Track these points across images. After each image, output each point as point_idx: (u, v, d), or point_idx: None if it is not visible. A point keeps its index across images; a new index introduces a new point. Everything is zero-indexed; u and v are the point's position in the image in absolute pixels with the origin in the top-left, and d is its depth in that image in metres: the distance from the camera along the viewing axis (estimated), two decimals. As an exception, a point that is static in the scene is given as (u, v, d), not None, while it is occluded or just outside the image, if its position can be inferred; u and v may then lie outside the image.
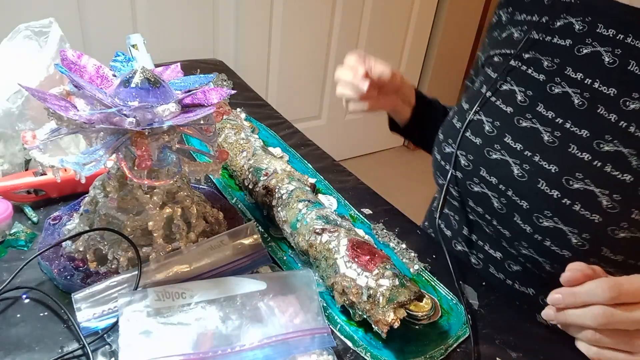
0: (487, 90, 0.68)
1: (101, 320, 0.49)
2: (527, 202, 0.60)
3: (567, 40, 0.61)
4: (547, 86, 0.61)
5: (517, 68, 0.65)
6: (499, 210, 0.64)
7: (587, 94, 0.58)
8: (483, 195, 0.66)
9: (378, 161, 2.58)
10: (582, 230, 0.57)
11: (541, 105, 0.61)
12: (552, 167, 0.58)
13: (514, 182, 0.61)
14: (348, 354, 0.51)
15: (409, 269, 0.63)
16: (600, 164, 0.56)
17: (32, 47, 0.74)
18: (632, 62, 0.56)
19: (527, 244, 0.62)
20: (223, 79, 1.07)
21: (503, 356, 0.54)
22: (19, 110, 0.67)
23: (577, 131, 0.58)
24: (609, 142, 0.56)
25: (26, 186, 0.63)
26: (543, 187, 0.59)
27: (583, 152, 0.57)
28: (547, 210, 0.59)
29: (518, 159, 0.61)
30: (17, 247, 0.58)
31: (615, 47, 0.57)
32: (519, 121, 0.62)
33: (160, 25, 1.67)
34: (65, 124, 0.46)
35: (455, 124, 0.70)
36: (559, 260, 0.60)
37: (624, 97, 0.55)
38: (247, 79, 1.18)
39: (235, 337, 0.48)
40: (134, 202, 0.54)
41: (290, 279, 0.54)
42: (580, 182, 0.56)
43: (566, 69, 0.60)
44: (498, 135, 0.64)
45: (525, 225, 0.61)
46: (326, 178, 0.80)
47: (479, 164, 0.66)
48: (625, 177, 0.54)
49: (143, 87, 0.47)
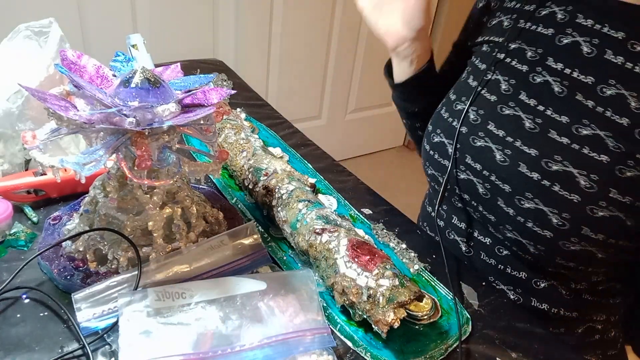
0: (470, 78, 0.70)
1: (101, 320, 0.49)
2: (509, 186, 0.63)
3: (550, 30, 0.64)
4: (529, 76, 0.64)
5: (502, 60, 0.68)
6: (484, 195, 0.66)
7: (566, 82, 0.60)
8: (469, 182, 0.68)
9: (378, 161, 2.58)
10: (562, 210, 0.59)
11: (524, 93, 0.64)
12: (532, 151, 0.61)
13: (496, 166, 0.64)
14: (348, 354, 0.51)
15: (408, 269, 0.63)
16: (578, 146, 0.58)
17: (32, 47, 0.74)
18: (609, 51, 0.58)
19: (511, 227, 0.64)
20: (223, 79, 1.07)
21: (503, 356, 0.54)
22: (19, 110, 0.67)
23: (557, 117, 0.60)
24: (586, 126, 0.58)
25: (26, 186, 0.63)
26: (524, 170, 0.61)
27: (562, 137, 0.59)
28: (528, 192, 0.61)
29: (500, 145, 0.64)
30: (17, 247, 0.58)
31: (593, 37, 0.60)
32: (502, 109, 0.65)
33: (160, 25, 1.67)
34: (65, 124, 0.46)
35: (443, 114, 0.72)
36: (541, 241, 0.61)
37: (601, 84, 0.58)
38: (247, 79, 1.18)
39: (235, 337, 0.48)
40: (134, 202, 0.54)
41: (290, 279, 0.54)
42: (559, 164, 0.59)
43: (547, 59, 0.63)
44: (482, 123, 0.66)
45: (509, 208, 0.63)
46: (326, 178, 0.80)
47: (464, 152, 0.68)
48: (602, 158, 0.57)
49: (143, 87, 0.47)
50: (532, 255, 0.64)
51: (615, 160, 0.56)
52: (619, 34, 0.58)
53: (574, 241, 0.59)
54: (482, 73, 0.69)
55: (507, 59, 0.67)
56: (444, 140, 0.70)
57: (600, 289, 0.68)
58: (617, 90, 0.57)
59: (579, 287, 0.67)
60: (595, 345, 0.72)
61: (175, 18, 1.69)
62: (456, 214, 0.75)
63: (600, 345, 0.72)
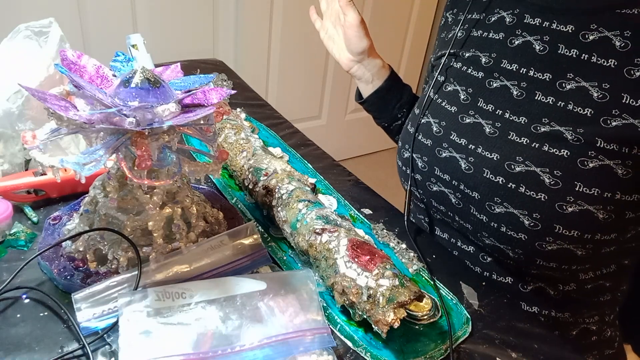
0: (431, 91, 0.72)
1: (101, 320, 0.49)
2: (477, 193, 0.63)
3: (500, 34, 0.65)
4: (485, 82, 0.65)
5: (459, 69, 0.69)
6: (457, 205, 0.67)
7: (524, 84, 0.61)
8: (441, 193, 0.69)
9: (378, 161, 2.58)
10: (532, 211, 0.59)
11: (481, 100, 0.65)
12: (494, 155, 0.61)
13: (462, 175, 0.65)
14: (348, 354, 0.51)
15: (408, 269, 0.63)
16: (537, 145, 0.58)
17: (32, 47, 0.74)
18: (561, 46, 0.59)
19: (487, 233, 0.64)
20: (223, 79, 1.07)
21: (503, 356, 0.54)
22: (19, 110, 0.67)
23: (516, 119, 0.61)
24: (545, 124, 0.58)
25: (26, 186, 0.63)
26: (488, 176, 0.62)
27: (522, 137, 0.60)
28: (496, 196, 0.61)
29: (464, 154, 0.65)
30: (17, 247, 0.58)
31: (543, 35, 0.60)
32: (463, 118, 0.66)
33: (160, 25, 1.67)
34: (65, 124, 0.46)
35: (409, 129, 0.74)
36: (518, 244, 0.62)
37: (560, 79, 0.58)
38: (247, 79, 1.18)
39: (235, 337, 0.48)
40: (134, 202, 0.54)
41: (290, 279, 0.54)
42: (522, 165, 0.59)
43: (502, 62, 0.63)
44: (445, 135, 0.67)
45: (481, 215, 0.64)
46: (326, 178, 0.80)
47: (432, 164, 0.69)
48: (563, 153, 0.57)
49: (143, 87, 0.47)
50: (513, 260, 0.65)
51: (577, 153, 0.56)
52: (569, 27, 0.58)
53: (549, 240, 0.59)
54: (440, 84, 0.71)
55: (463, 67, 0.68)
56: (412, 155, 0.72)
57: (588, 287, 0.68)
58: (577, 83, 0.57)
59: (566, 289, 0.67)
60: (591, 346, 0.72)
61: (175, 18, 1.69)
62: (438, 225, 0.76)
63: (596, 346, 0.72)
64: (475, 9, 0.70)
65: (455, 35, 0.71)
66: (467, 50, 0.68)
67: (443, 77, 0.71)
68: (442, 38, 0.76)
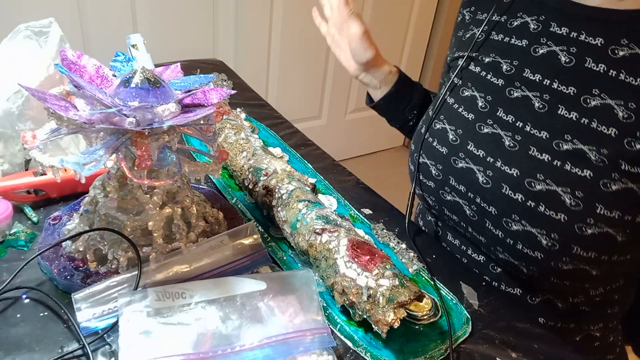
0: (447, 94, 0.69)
1: (101, 320, 0.49)
2: (494, 208, 0.61)
3: (524, 41, 0.62)
4: (506, 90, 0.62)
5: (477, 73, 0.66)
6: (472, 217, 0.65)
7: (546, 96, 0.58)
8: (455, 203, 0.66)
9: (378, 161, 2.58)
10: (550, 231, 0.57)
11: (501, 110, 0.62)
12: (513, 170, 0.59)
13: (480, 189, 0.62)
14: (348, 354, 0.51)
15: (408, 269, 0.63)
16: (559, 163, 0.56)
17: (32, 47, 0.74)
18: (588, 59, 0.56)
19: (502, 248, 0.63)
20: (223, 79, 1.07)
21: (503, 356, 0.54)
22: (19, 110, 0.67)
23: (537, 133, 0.58)
24: (568, 141, 0.56)
25: (26, 186, 0.63)
26: (507, 192, 0.59)
27: (543, 154, 0.57)
28: (514, 214, 0.59)
29: (481, 166, 0.62)
30: (17, 247, 0.58)
31: (570, 46, 0.58)
32: (481, 127, 0.63)
33: (160, 26, 1.67)
34: (65, 124, 0.46)
35: (423, 133, 0.71)
36: (533, 262, 0.60)
37: (584, 94, 0.56)
38: (247, 79, 1.18)
39: (235, 337, 0.48)
40: (134, 202, 0.54)
41: (290, 279, 0.54)
42: (542, 183, 0.57)
43: (524, 71, 0.61)
44: (461, 144, 0.65)
45: (497, 230, 0.62)
46: (326, 178, 0.80)
47: (447, 173, 0.66)
48: (586, 174, 0.55)
49: (143, 87, 0.47)
50: (525, 275, 0.63)
51: (599, 175, 0.54)
52: (597, 40, 0.55)
53: (565, 260, 0.58)
54: (457, 88, 0.68)
55: (482, 72, 0.65)
56: (426, 161, 0.69)
57: (597, 300, 0.67)
58: (602, 101, 0.54)
59: (575, 301, 0.66)
60: (593, 351, 0.72)
61: (175, 18, 1.69)
62: (450, 231, 0.74)
63: (598, 351, 0.72)
64: (495, 9, 0.67)
65: (474, 37, 0.68)
66: (486, 55, 0.65)
67: (460, 80, 0.68)
68: (459, 37, 0.73)
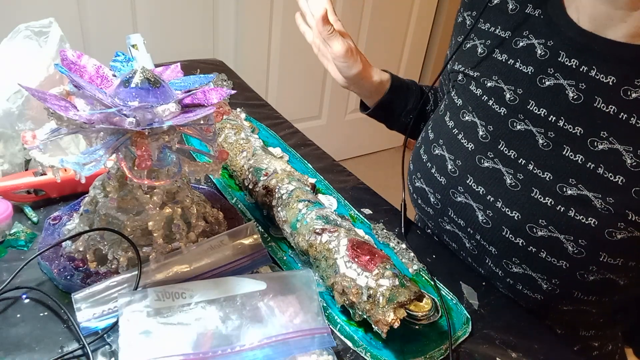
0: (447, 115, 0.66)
1: (101, 320, 0.49)
2: (495, 248, 0.60)
3: (529, 68, 0.58)
4: (509, 122, 0.59)
5: (479, 97, 0.63)
6: (472, 251, 0.64)
7: (551, 133, 0.55)
8: (455, 234, 0.65)
9: (378, 161, 2.58)
10: (551, 276, 0.56)
11: (503, 143, 0.59)
12: (514, 214, 0.57)
13: (480, 228, 0.60)
14: (348, 354, 0.51)
15: (408, 269, 0.63)
16: (563, 208, 0.54)
17: (32, 47, 0.74)
18: (598, 99, 0.52)
19: (501, 285, 0.62)
20: (223, 79, 1.07)
21: (503, 356, 0.54)
22: (19, 110, 0.67)
23: (540, 174, 0.55)
24: (572, 185, 0.53)
25: (26, 186, 0.63)
26: (508, 235, 0.57)
27: (546, 197, 0.55)
28: (515, 257, 0.58)
29: (481, 205, 0.60)
30: (17, 247, 0.58)
31: (579, 81, 0.54)
32: (481, 160, 0.60)
33: (160, 25, 1.67)
34: (65, 124, 0.46)
35: (422, 156, 0.68)
36: (532, 301, 0.60)
37: (592, 136, 0.52)
38: (247, 79, 1.18)
39: (235, 337, 0.48)
40: (134, 202, 0.54)
41: (290, 279, 0.54)
42: (544, 229, 0.54)
43: (529, 103, 0.57)
44: (460, 176, 0.62)
45: (497, 269, 0.61)
46: (326, 178, 0.80)
47: (446, 204, 0.64)
48: (590, 221, 0.52)
49: (143, 87, 0.47)
50: (526, 307, 0.63)
51: (605, 223, 0.52)
52: (609, 78, 0.52)
53: (565, 302, 0.57)
54: (458, 110, 0.65)
55: (483, 96, 0.62)
56: (424, 187, 0.67)
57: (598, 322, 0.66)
58: (610, 145, 0.51)
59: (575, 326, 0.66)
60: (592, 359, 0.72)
61: (175, 18, 1.69)
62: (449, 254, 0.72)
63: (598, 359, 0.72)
64: (498, 21, 0.63)
65: (475, 49, 0.64)
66: (488, 77, 0.62)
67: (460, 101, 0.65)
68: (459, 42, 0.69)
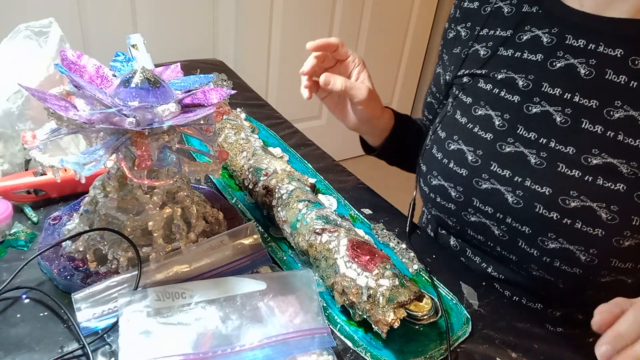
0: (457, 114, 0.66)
1: (101, 320, 0.49)
2: (528, 227, 0.60)
3: (538, 55, 0.60)
4: (524, 107, 0.60)
5: (489, 91, 0.64)
6: (501, 237, 0.63)
7: (568, 110, 0.57)
8: (481, 224, 0.65)
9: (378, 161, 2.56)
10: (589, 247, 0.56)
11: (521, 127, 0.60)
12: (545, 189, 0.58)
13: (510, 210, 0.61)
14: (348, 354, 0.51)
15: (408, 269, 0.63)
16: (591, 178, 0.55)
17: (32, 47, 0.74)
18: (609, 71, 0.55)
19: (537, 266, 0.62)
20: (223, 79, 1.07)
21: (503, 356, 0.54)
22: (19, 110, 0.67)
23: (563, 149, 0.57)
24: (596, 155, 0.55)
25: (26, 186, 0.63)
26: (541, 211, 0.58)
27: (573, 170, 0.56)
28: (550, 232, 0.58)
29: (510, 186, 0.61)
30: (17, 247, 0.58)
31: (589, 58, 0.56)
32: (502, 147, 0.61)
33: (160, 25, 1.67)
34: (65, 124, 0.46)
35: (436, 155, 0.69)
36: (570, 278, 0.60)
37: (607, 107, 0.55)
38: (247, 79, 1.18)
39: (235, 337, 0.48)
40: (134, 202, 0.54)
41: (290, 279, 0.54)
42: (577, 200, 0.56)
43: (543, 85, 0.59)
44: (483, 164, 0.63)
45: (532, 249, 0.61)
46: (326, 178, 0.80)
47: (470, 195, 0.64)
48: (619, 187, 0.54)
49: (143, 87, 0.47)
50: (558, 289, 0.62)
51: (633, 187, 0.54)
52: (617, 51, 0.55)
53: (604, 274, 0.58)
54: (469, 107, 0.66)
55: (494, 89, 0.63)
56: (443, 184, 0.67)
57: None
58: (626, 112, 0.54)
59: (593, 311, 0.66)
60: None
61: (175, 18, 1.69)
62: (471, 248, 0.72)
63: None
64: (496, 24, 0.65)
65: (478, 53, 0.65)
66: (497, 71, 0.63)
67: (469, 99, 0.66)
68: (457, 54, 0.70)
